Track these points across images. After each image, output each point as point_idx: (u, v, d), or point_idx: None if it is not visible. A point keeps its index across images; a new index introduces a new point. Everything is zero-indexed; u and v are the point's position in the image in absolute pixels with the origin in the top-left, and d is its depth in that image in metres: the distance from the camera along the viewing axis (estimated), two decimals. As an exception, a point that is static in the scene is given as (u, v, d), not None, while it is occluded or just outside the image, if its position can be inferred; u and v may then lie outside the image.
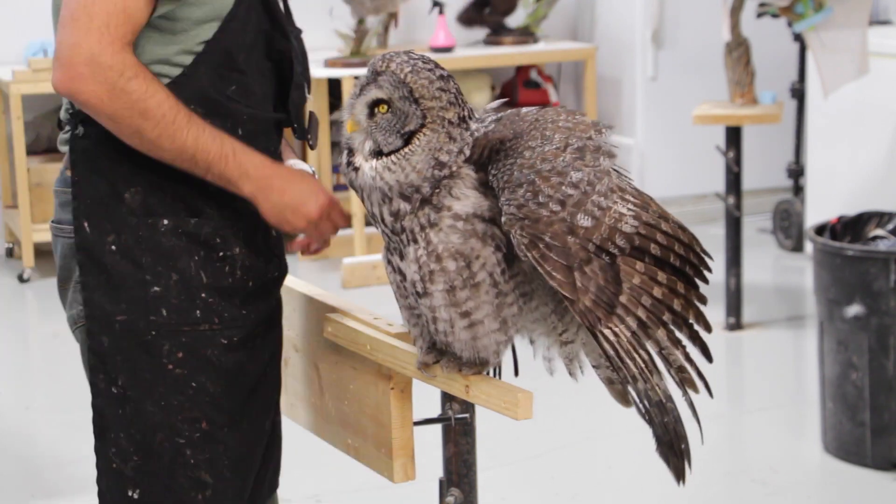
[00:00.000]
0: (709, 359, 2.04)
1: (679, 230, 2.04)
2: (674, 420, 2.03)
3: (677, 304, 2.00)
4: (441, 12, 6.74)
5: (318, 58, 6.41)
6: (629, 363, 1.95)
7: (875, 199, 5.50)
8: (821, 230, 4.19)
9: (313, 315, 2.42)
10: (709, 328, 2.04)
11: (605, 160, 1.99)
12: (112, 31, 2.06)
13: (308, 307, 2.44)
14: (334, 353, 2.38)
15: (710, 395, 2.05)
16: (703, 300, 2.05)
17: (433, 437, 2.35)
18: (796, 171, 6.56)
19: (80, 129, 2.18)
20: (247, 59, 2.19)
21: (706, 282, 2.06)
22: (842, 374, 4.01)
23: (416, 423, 2.29)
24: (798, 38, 6.29)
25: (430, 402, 2.34)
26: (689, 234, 2.05)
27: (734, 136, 5.25)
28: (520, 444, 4.27)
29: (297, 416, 2.57)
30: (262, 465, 2.33)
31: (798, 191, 6.54)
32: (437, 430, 2.31)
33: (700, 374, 2.04)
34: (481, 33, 7.08)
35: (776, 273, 6.27)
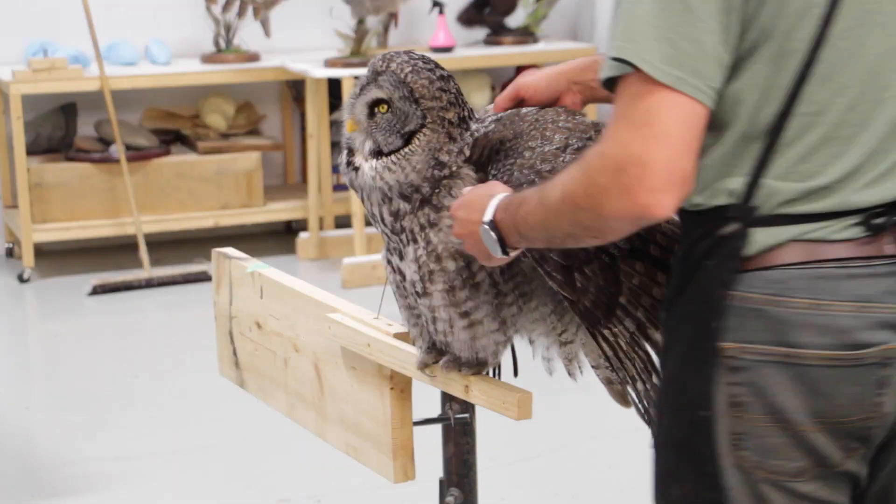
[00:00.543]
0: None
1: (678, 231, 2.03)
2: (673, 420, 2.02)
3: (676, 305, 1.99)
4: (441, 12, 6.74)
5: (318, 58, 6.42)
6: (628, 364, 1.95)
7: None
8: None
9: (313, 315, 2.42)
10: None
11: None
12: None
13: (308, 307, 2.44)
14: (334, 353, 2.38)
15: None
16: (703, 300, 2.04)
17: (433, 437, 2.35)
18: (796, 172, 6.55)
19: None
20: None
21: (706, 282, 2.05)
22: (842, 374, 3.99)
23: (416, 423, 2.29)
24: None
25: (430, 402, 2.34)
26: (689, 235, 2.05)
27: (734, 137, 5.24)
28: (520, 444, 4.26)
29: (297, 416, 2.57)
30: None
31: (798, 191, 6.53)
32: (437, 430, 2.31)
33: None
34: (481, 33, 7.08)
35: (776, 273, 6.25)
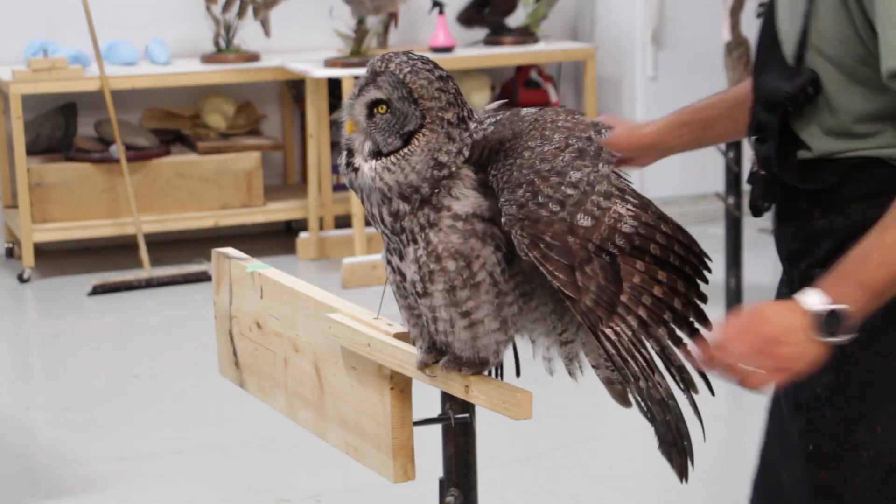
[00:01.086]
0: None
1: (678, 231, 2.04)
2: (676, 418, 2.03)
3: (678, 303, 1.99)
4: (441, 12, 6.74)
5: (318, 58, 6.42)
6: (630, 362, 1.94)
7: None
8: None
9: (313, 315, 2.42)
10: (710, 327, 2.04)
11: (605, 166, 1.98)
12: None
13: (308, 307, 2.44)
14: (334, 353, 2.38)
15: (712, 394, 2.06)
16: (704, 299, 2.04)
17: (433, 437, 2.34)
18: (796, 171, 6.55)
19: None
20: None
21: (706, 282, 2.06)
22: (842, 374, 3.99)
23: (416, 423, 2.28)
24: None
25: (430, 402, 2.34)
26: (688, 236, 2.05)
27: (734, 137, 5.25)
28: (520, 444, 4.27)
29: (297, 416, 2.57)
30: None
31: (798, 191, 6.53)
32: (437, 430, 2.31)
33: (701, 374, 2.04)
34: (481, 33, 7.08)
35: (776, 273, 6.25)
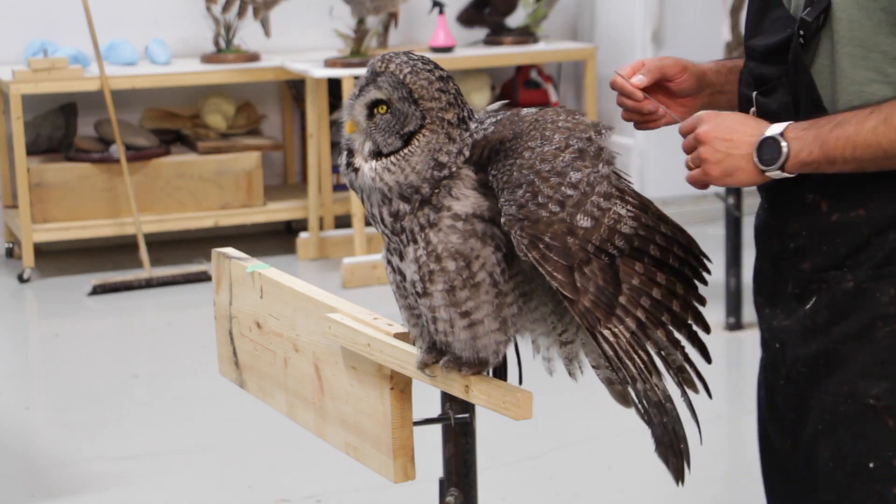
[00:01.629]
0: (707, 360, 2.05)
1: (678, 232, 2.04)
2: (673, 421, 2.03)
3: (676, 305, 2.00)
4: (441, 12, 6.74)
5: (318, 58, 6.42)
6: (628, 364, 1.95)
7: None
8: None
9: (313, 315, 2.42)
10: (707, 329, 2.04)
11: (605, 167, 1.98)
12: None
13: (308, 307, 2.44)
14: (334, 353, 2.38)
15: (710, 396, 2.06)
16: (702, 301, 2.05)
17: (433, 437, 2.35)
18: (796, 171, 6.55)
19: None
20: None
21: (705, 283, 2.06)
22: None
23: (416, 423, 2.29)
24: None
25: (430, 402, 2.34)
26: (688, 237, 2.06)
27: (734, 136, 5.24)
28: (520, 444, 4.27)
29: (297, 416, 2.57)
30: None
31: (798, 191, 6.53)
32: (437, 430, 2.31)
33: (699, 375, 2.04)
34: (481, 33, 7.08)
35: (776, 273, 6.26)
